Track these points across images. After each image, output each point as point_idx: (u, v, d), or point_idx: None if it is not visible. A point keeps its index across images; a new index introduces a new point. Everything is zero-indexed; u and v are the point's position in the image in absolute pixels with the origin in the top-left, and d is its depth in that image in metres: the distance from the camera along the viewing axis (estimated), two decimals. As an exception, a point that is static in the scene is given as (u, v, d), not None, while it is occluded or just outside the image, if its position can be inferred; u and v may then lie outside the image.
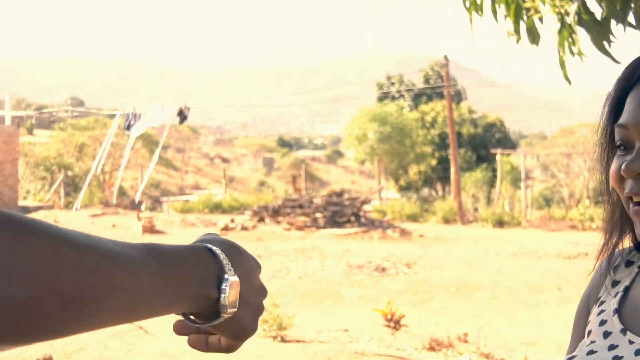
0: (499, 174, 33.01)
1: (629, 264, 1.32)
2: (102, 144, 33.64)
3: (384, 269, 15.38)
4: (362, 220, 24.20)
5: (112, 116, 37.00)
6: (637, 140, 1.15)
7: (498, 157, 33.76)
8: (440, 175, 41.06)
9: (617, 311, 1.26)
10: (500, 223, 26.30)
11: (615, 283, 1.31)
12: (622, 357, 1.17)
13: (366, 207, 27.11)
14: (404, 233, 22.62)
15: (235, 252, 1.00)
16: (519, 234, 23.65)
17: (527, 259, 17.07)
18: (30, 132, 58.01)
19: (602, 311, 1.30)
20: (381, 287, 13.53)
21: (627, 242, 1.30)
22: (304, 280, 14.18)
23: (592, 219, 24.58)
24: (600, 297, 1.33)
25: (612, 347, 1.20)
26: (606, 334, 1.23)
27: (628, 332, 1.20)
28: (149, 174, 21.46)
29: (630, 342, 1.18)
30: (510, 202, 31.02)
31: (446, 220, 27.88)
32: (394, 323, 9.20)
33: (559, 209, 29.71)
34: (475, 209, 31.24)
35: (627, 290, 1.28)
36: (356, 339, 9.31)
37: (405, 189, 41.90)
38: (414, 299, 12.22)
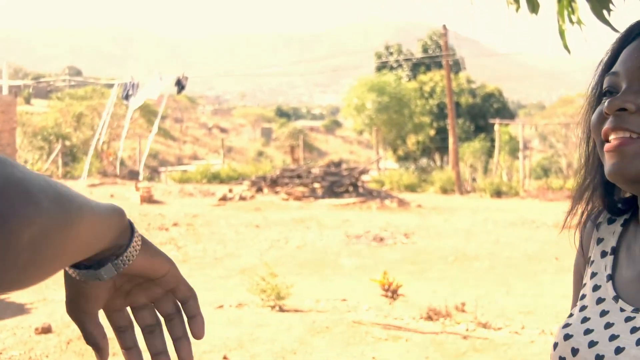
0: (497, 144, 33.01)
1: (611, 221, 1.34)
2: (102, 115, 33.62)
3: (382, 239, 15.43)
4: (360, 190, 24.22)
5: (110, 86, 36.89)
6: (624, 83, 1.18)
7: (496, 127, 33.73)
8: (438, 145, 41.02)
9: (611, 277, 1.27)
10: (498, 193, 26.36)
11: (599, 240, 1.34)
12: (613, 323, 1.19)
13: (364, 177, 27.14)
14: (402, 203, 22.65)
15: None
16: (517, 204, 23.71)
17: (525, 229, 17.13)
18: (27, 101, 57.84)
19: (594, 274, 1.32)
20: (379, 256, 13.58)
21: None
22: (302, 250, 14.23)
23: (575, 188, 24.62)
24: (590, 256, 1.36)
25: (604, 313, 1.22)
26: (599, 300, 1.25)
27: (620, 300, 1.22)
28: (149, 145, 21.43)
29: (622, 310, 1.20)
30: (508, 172, 31.07)
31: (444, 190, 27.93)
32: (392, 293, 9.24)
33: (557, 179, 29.77)
34: (474, 179, 31.28)
35: (614, 252, 1.30)
36: (354, 308, 9.36)
37: (403, 159, 41.90)
38: (412, 269, 12.26)
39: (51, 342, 7.45)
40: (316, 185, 24.05)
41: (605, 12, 2.52)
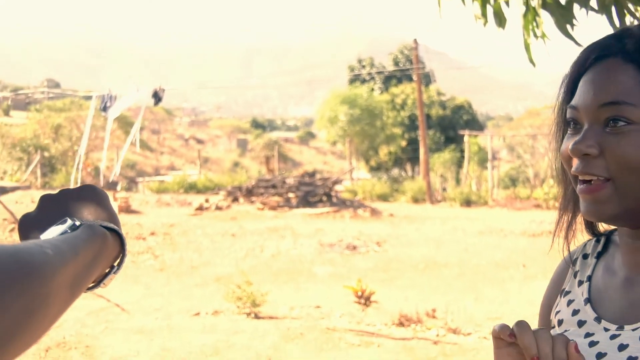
0: (466, 154, 33.14)
1: (585, 256, 1.35)
2: (80, 126, 33.32)
3: (354, 247, 15.43)
4: (334, 200, 24.23)
5: (88, 98, 36.64)
6: (586, 122, 1.17)
7: (466, 139, 33.86)
8: (409, 155, 41.18)
9: (588, 300, 1.28)
10: (467, 202, 26.45)
11: (576, 273, 1.35)
12: (597, 342, 1.18)
13: (338, 187, 27.14)
14: (374, 212, 22.68)
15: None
16: (485, 213, 23.80)
17: (493, 237, 17.20)
18: (6, 113, 57.32)
19: (571, 301, 1.32)
20: (352, 265, 13.58)
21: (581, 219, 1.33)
22: (277, 259, 14.20)
23: (556, 198, 24.68)
24: (564, 288, 1.36)
25: (588, 335, 1.22)
26: (580, 323, 1.25)
27: (602, 321, 1.22)
28: (123, 154, 21.27)
29: (606, 330, 1.20)
30: (477, 182, 31.19)
31: (415, 200, 27.99)
32: (365, 300, 9.24)
33: (524, 189, 29.94)
34: (444, 189, 31.40)
35: (589, 279, 1.31)
36: (328, 315, 9.35)
37: (375, 169, 41.99)
38: (384, 276, 12.27)
39: (30, 349, 7.37)
40: (291, 195, 24.03)
41: (568, 26, 2.54)
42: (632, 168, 1.11)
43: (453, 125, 42.36)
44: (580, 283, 1.32)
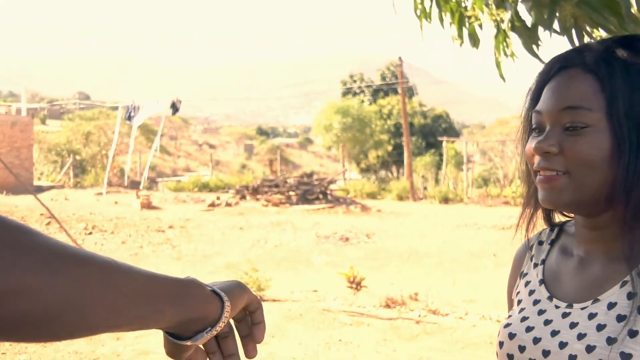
0: (444, 158, 33.15)
1: (540, 243, 1.37)
2: (108, 133, 33.20)
3: (347, 239, 15.42)
4: (329, 197, 24.22)
5: (114, 108, 36.62)
6: (548, 125, 1.19)
7: (444, 144, 33.88)
8: (395, 159, 41.14)
9: (542, 281, 1.30)
10: (445, 200, 26.46)
11: (532, 257, 1.37)
12: (551, 320, 1.20)
13: (332, 187, 27.12)
14: (364, 208, 22.67)
15: (235, 286, 1.04)
16: (461, 209, 23.81)
17: (468, 231, 17.21)
18: (43, 122, 57.24)
19: (528, 282, 1.34)
20: (345, 254, 13.57)
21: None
22: (279, 249, 14.18)
23: (522, 196, 24.77)
24: (523, 271, 1.38)
25: (541, 312, 1.23)
26: (535, 302, 1.27)
27: (554, 299, 1.24)
28: (150, 159, 21.28)
29: (557, 307, 1.21)
30: (454, 182, 31.18)
31: (400, 198, 27.98)
32: (356, 285, 9.23)
33: (495, 188, 29.92)
34: (425, 188, 31.37)
35: (544, 263, 1.33)
36: (324, 298, 9.34)
37: (365, 170, 41.94)
38: (372, 264, 12.27)
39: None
40: (291, 193, 24.01)
41: (534, 46, 2.54)
42: (587, 164, 1.13)
43: (433, 133, 42.32)
44: (536, 265, 1.34)
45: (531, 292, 1.30)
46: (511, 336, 1.23)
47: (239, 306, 1.03)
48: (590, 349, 1.09)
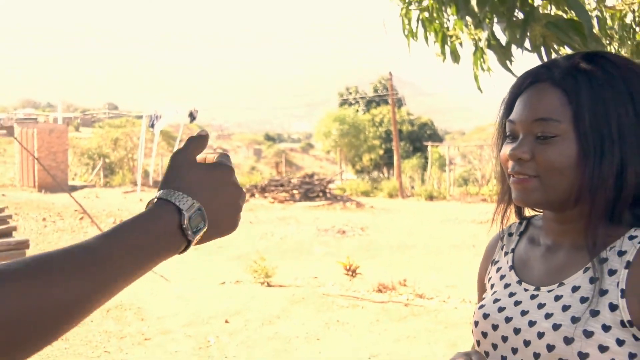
0: (429, 160, 33.16)
1: (510, 234, 1.37)
2: (134, 139, 33.15)
3: (344, 232, 15.41)
4: (328, 195, 24.21)
5: (139, 117, 36.60)
6: (521, 133, 1.18)
7: (429, 148, 33.90)
8: (386, 161, 41.12)
9: (512, 267, 1.30)
10: (430, 197, 26.45)
11: (503, 246, 1.37)
12: (520, 301, 1.20)
13: (331, 186, 27.14)
14: (359, 205, 22.67)
15: (204, 175, 0.88)
16: (444, 205, 23.80)
17: (450, 225, 17.20)
18: (76, 129, 57.20)
19: (499, 268, 1.34)
20: (342, 245, 13.57)
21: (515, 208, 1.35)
22: (284, 241, 14.18)
23: (497, 194, 24.77)
24: (494, 259, 1.38)
25: (511, 295, 1.23)
26: (506, 285, 1.27)
27: (523, 283, 1.24)
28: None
29: (525, 290, 1.22)
30: (438, 182, 31.17)
31: (390, 195, 27.97)
32: (352, 272, 9.23)
33: (474, 187, 29.91)
34: (412, 187, 31.35)
35: (513, 251, 1.33)
36: (323, 284, 9.34)
37: (360, 171, 41.92)
38: (366, 254, 12.26)
39: (95, 312, 7.35)
40: (295, 192, 24.00)
41: (508, 62, 2.55)
42: (555, 169, 1.13)
43: (419, 138, 42.31)
44: (506, 254, 1.34)
45: (502, 277, 1.30)
46: (485, 316, 1.23)
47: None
48: (556, 327, 1.10)
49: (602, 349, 1.05)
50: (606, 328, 1.06)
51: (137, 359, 6.11)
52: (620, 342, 1.05)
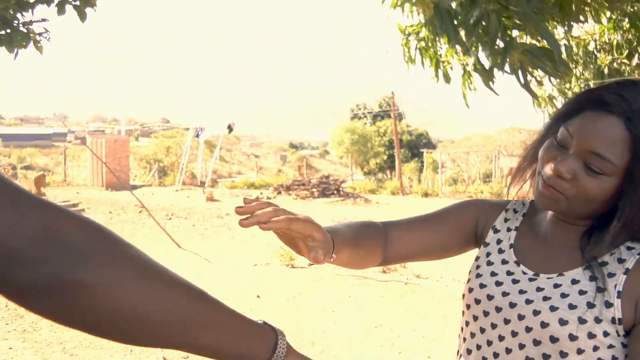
0: (425, 164, 33.04)
1: (515, 211, 1.24)
2: (184, 147, 33.48)
3: (354, 223, 15.38)
4: (341, 193, 24.18)
5: (187, 129, 36.77)
6: (572, 150, 1.03)
7: (424, 154, 33.76)
8: (389, 165, 41.00)
9: (512, 246, 1.18)
10: (426, 194, 26.33)
11: (506, 219, 1.23)
12: (519, 280, 1.11)
13: (343, 185, 27.09)
14: (367, 201, 22.63)
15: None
16: (437, 201, 23.69)
17: (442, 217, 17.07)
18: (136, 139, 57.71)
19: (500, 240, 1.21)
20: (353, 234, 13.51)
21: (526, 186, 1.18)
22: (305, 230, 14.15)
23: (482, 192, 24.63)
24: (495, 225, 1.24)
25: (509, 273, 1.13)
26: (504, 262, 1.16)
27: (521, 265, 1.13)
28: (212, 166, 21.36)
29: (524, 273, 1.12)
30: (432, 182, 31.03)
31: (393, 193, 27.90)
32: (361, 256, 9.19)
33: (461, 186, 29.74)
34: (411, 186, 31.25)
35: (517, 230, 1.20)
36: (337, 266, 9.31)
37: (367, 173, 41.86)
38: (373, 241, 12.20)
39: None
40: (314, 190, 24.01)
41: (490, 83, 2.53)
42: (585, 199, 1.03)
43: (416, 146, 42.16)
44: (509, 229, 1.20)
45: (500, 251, 1.18)
46: (482, 286, 1.14)
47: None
48: (553, 309, 1.03)
49: (591, 335, 1.00)
50: (598, 320, 1.00)
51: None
52: (605, 334, 1.00)
